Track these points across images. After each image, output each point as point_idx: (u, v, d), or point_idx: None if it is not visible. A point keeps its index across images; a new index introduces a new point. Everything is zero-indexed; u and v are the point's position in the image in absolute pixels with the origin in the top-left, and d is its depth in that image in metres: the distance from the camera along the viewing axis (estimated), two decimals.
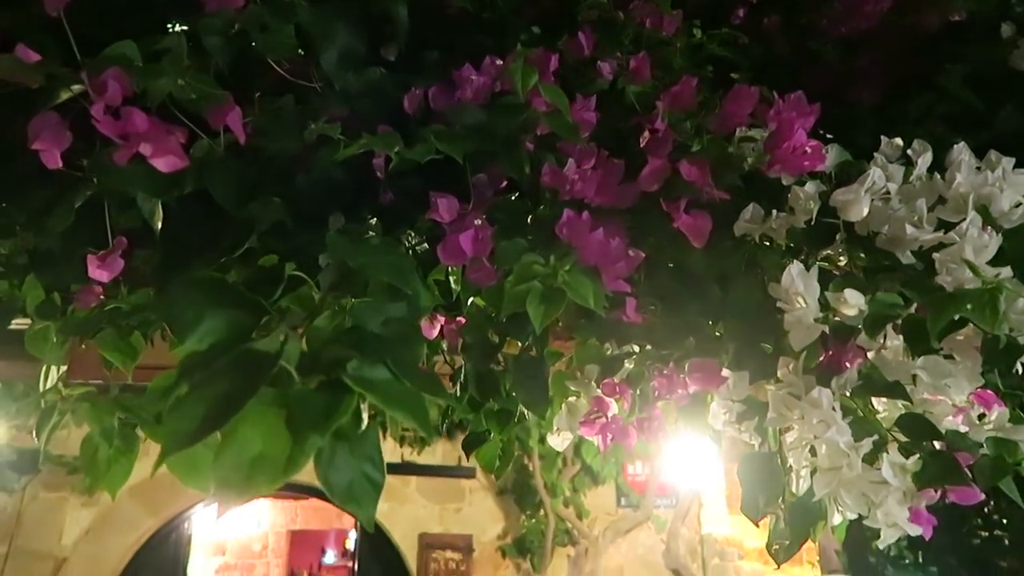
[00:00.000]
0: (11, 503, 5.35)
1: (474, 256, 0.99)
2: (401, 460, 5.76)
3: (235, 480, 0.61)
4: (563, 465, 5.70)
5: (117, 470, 0.93)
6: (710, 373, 1.02)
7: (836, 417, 0.94)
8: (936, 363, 0.95)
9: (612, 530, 5.81)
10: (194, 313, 0.81)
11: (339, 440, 0.68)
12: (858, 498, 0.98)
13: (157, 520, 5.55)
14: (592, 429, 1.09)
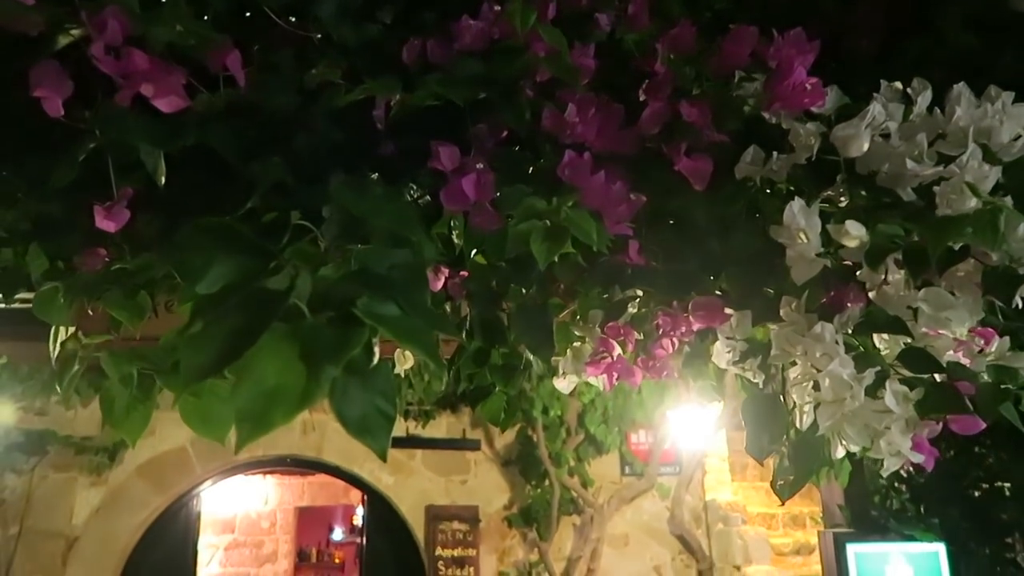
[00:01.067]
0: (21, 484, 5.40)
1: (476, 200, 0.99)
2: (406, 434, 5.81)
3: (253, 413, 0.62)
4: (567, 435, 5.74)
5: (135, 418, 0.94)
6: (713, 310, 1.03)
7: (839, 349, 0.95)
8: (937, 294, 0.96)
9: (617, 498, 5.87)
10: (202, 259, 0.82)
11: (351, 375, 0.69)
12: (861, 431, 1.00)
13: (166, 498, 5.60)
14: (597, 369, 1.10)
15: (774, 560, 5.63)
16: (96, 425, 5.56)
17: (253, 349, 0.62)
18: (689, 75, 1.15)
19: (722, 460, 6.22)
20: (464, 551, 5.67)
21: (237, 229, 0.82)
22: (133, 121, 0.91)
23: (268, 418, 0.61)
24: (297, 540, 8.81)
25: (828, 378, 0.96)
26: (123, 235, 1.40)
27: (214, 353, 0.60)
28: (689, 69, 1.17)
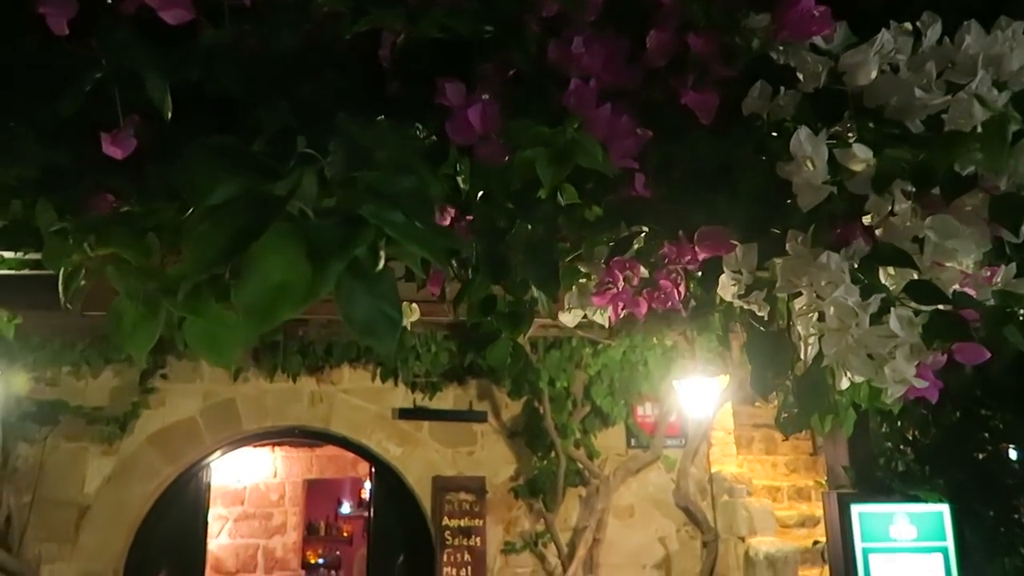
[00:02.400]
0: (33, 453, 5.46)
1: (482, 132, 0.99)
2: (413, 405, 5.84)
3: (260, 306, 0.63)
4: (573, 407, 5.77)
5: (142, 334, 0.95)
6: (719, 239, 1.03)
7: (844, 277, 0.95)
8: (944, 222, 0.95)
9: (622, 470, 5.91)
10: (209, 178, 0.82)
11: (357, 279, 0.70)
12: (865, 361, 1.00)
13: (176, 468, 5.66)
14: (603, 299, 1.10)
15: (778, 532, 5.66)
16: (106, 396, 5.62)
17: (259, 246, 0.63)
18: (697, 10, 1.14)
19: (728, 433, 6.24)
20: (471, 521, 5.72)
21: (243, 148, 0.82)
22: (139, 48, 0.92)
23: (274, 311, 0.62)
24: (306, 513, 8.91)
25: (833, 306, 0.96)
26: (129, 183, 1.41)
27: (219, 247, 0.61)
28: (696, 5, 1.17)
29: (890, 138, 1.04)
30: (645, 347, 5.51)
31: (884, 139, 1.05)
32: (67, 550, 5.35)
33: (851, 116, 1.11)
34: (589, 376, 5.72)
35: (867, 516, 2.51)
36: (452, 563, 5.58)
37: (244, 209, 0.66)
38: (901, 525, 2.51)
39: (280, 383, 5.75)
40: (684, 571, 5.90)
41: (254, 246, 0.63)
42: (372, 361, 5.81)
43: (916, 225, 0.99)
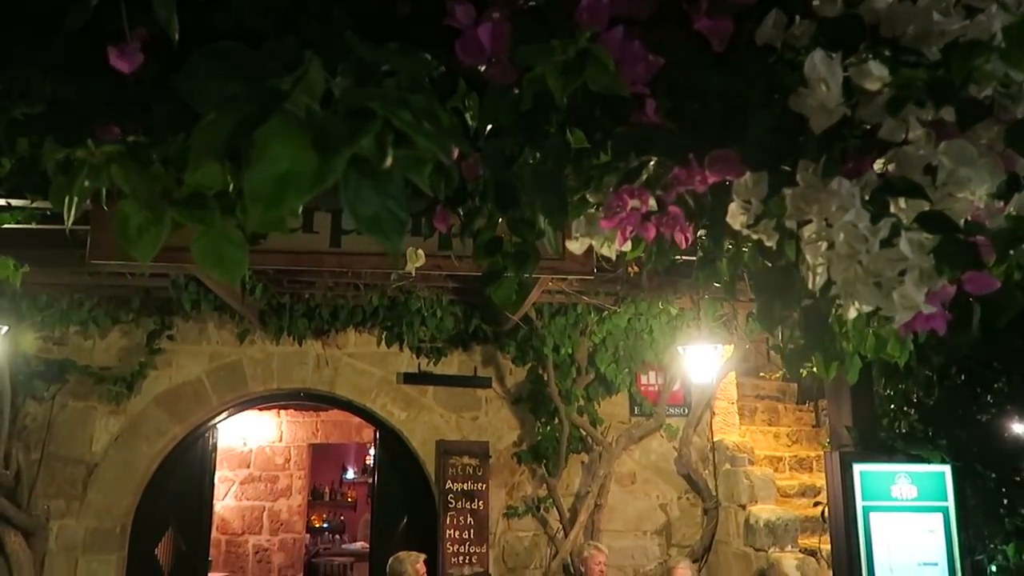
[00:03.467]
0: (41, 412, 5.52)
1: (492, 53, 0.98)
2: (418, 370, 5.87)
3: (266, 194, 0.62)
4: (577, 374, 5.78)
5: (147, 239, 0.95)
6: (729, 163, 1.02)
7: (855, 201, 0.94)
8: (959, 147, 0.94)
9: (625, 437, 5.94)
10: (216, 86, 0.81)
11: (364, 175, 0.69)
12: (872, 289, 1.00)
13: (183, 428, 5.72)
14: (611, 223, 1.10)
15: (779, 501, 5.69)
16: (114, 356, 5.66)
17: (263, 132, 0.63)
18: None
19: (731, 403, 6.26)
20: (474, 485, 5.77)
21: (249, 51, 0.81)
22: None
23: (280, 198, 0.62)
24: (311, 477, 9.01)
25: (843, 232, 0.95)
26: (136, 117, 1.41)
27: (223, 133, 0.61)
28: None
29: (907, 65, 1.02)
30: (650, 315, 5.51)
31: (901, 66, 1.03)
32: (75, 507, 5.43)
33: (867, 47, 1.09)
34: (594, 343, 5.73)
35: (869, 475, 2.52)
36: (455, 526, 5.64)
37: (249, 100, 0.66)
38: (902, 485, 2.52)
39: (286, 346, 5.78)
40: (684, 537, 5.95)
41: (259, 132, 0.62)
42: (378, 325, 5.83)
43: (930, 153, 0.98)
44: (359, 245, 2.51)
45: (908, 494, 2.52)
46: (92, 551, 5.39)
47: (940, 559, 2.52)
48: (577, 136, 1.30)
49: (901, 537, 2.51)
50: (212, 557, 7.02)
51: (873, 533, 2.50)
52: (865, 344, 1.71)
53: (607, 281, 5.00)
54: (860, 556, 2.46)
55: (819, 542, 5.48)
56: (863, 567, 2.47)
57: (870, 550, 2.49)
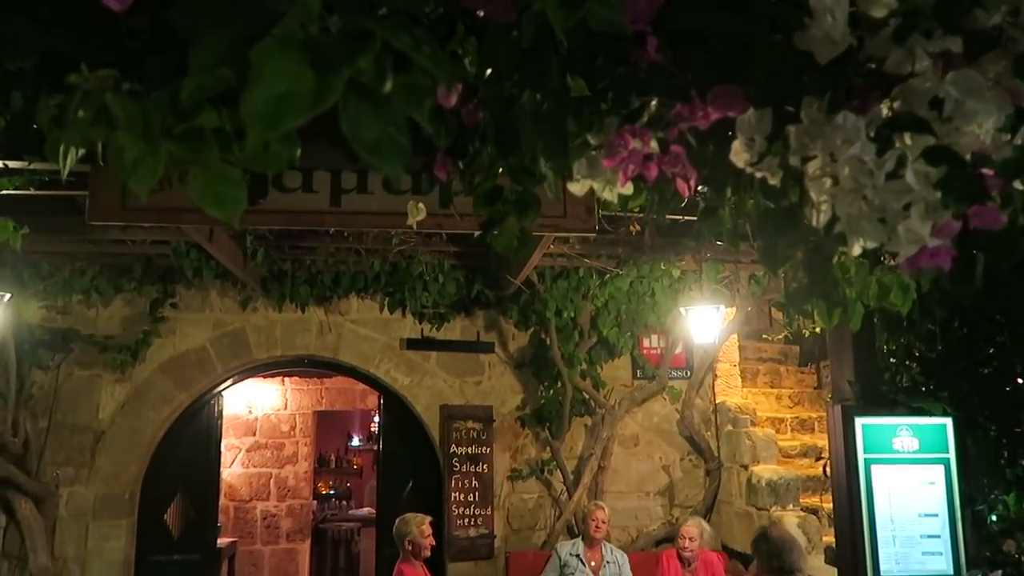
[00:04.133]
0: (47, 380, 5.56)
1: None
2: (421, 336, 5.89)
3: (265, 115, 0.62)
4: (580, 338, 5.80)
5: (144, 170, 0.94)
6: (733, 98, 1.00)
7: (861, 134, 0.93)
8: (967, 77, 0.93)
9: (628, 400, 5.98)
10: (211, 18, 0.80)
11: (363, 100, 0.68)
12: (877, 225, 0.99)
13: (188, 395, 5.75)
14: (613, 161, 1.09)
15: (781, 461, 5.75)
16: (117, 325, 5.68)
17: (259, 51, 0.62)
18: None
19: (733, 366, 6.28)
20: (478, 449, 5.83)
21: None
22: None
23: (279, 119, 0.61)
24: (316, 445, 9.09)
25: (848, 166, 0.94)
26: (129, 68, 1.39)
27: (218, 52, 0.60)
28: None
29: None
30: (652, 277, 5.51)
31: None
32: (84, 474, 5.49)
33: None
34: (596, 307, 5.74)
35: (870, 428, 2.54)
36: (460, 489, 5.71)
37: (243, 21, 0.65)
38: (904, 437, 2.54)
39: (289, 313, 5.79)
40: (687, 498, 6.02)
41: (255, 51, 0.62)
42: (380, 291, 5.83)
43: (936, 85, 0.96)
44: (359, 204, 2.50)
45: (909, 446, 2.53)
46: (102, 517, 5.46)
47: (941, 510, 2.54)
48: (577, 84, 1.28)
49: (902, 489, 2.53)
50: (221, 523, 7.12)
51: (874, 485, 2.52)
52: (868, 292, 1.70)
53: (609, 243, 4.99)
54: (861, 507, 2.48)
55: (820, 501, 5.55)
56: (864, 518, 2.50)
57: (871, 502, 2.51)
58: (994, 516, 2.44)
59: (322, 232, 4.92)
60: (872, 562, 2.48)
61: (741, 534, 5.46)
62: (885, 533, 2.51)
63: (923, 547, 2.51)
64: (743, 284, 5.57)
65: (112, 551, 5.44)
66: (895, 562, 2.50)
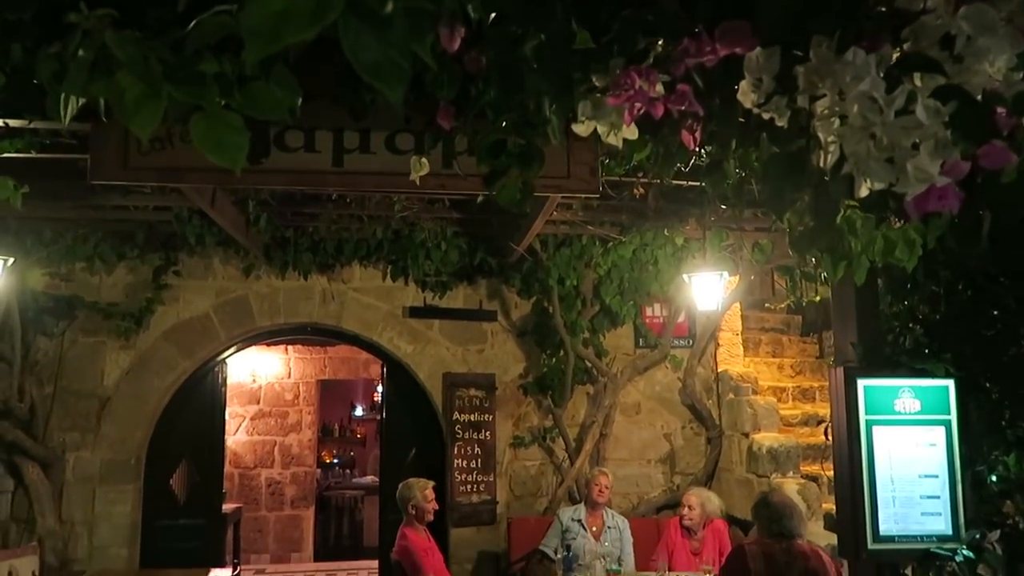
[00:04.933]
0: (52, 347, 5.58)
1: None
2: (424, 304, 5.89)
3: (263, 31, 0.61)
4: (582, 306, 5.80)
5: (145, 112, 0.93)
6: (741, 34, 0.99)
7: (870, 70, 0.92)
8: (980, 11, 0.91)
9: (630, 368, 5.99)
10: None
11: (364, 21, 0.67)
12: (885, 165, 0.98)
13: (192, 363, 5.78)
14: (619, 100, 1.07)
15: (782, 429, 5.77)
16: (121, 292, 5.68)
17: None
18: None
19: (735, 335, 6.29)
20: (480, 416, 5.86)
21: None
22: None
23: (279, 34, 0.60)
24: (320, 415, 9.15)
25: (857, 103, 0.93)
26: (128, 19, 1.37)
27: None
28: None
29: None
30: (656, 245, 5.49)
31: None
32: (90, 439, 5.54)
33: None
34: (599, 275, 5.73)
35: (872, 390, 2.54)
36: (462, 456, 5.75)
37: None
38: (906, 399, 2.54)
39: (291, 281, 5.80)
40: (688, 466, 6.06)
41: None
42: (382, 259, 5.83)
43: (948, 21, 0.94)
44: (362, 164, 2.48)
45: (911, 408, 2.54)
46: (108, 482, 5.52)
47: (941, 471, 2.55)
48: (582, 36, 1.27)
49: (903, 450, 2.54)
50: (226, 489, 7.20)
51: (875, 446, 2.53)
52: (874, 247, 1.69)
53: (612, 210, 4.97)
54: (862, 468, 2.49)
55: (820, 468, 5.59)
56: (864, 479, 2.51)
57: (872, 463, 2.52)
58: (994, 477, 2.45)
59: (324, 198, 4.90)
60: (871, 522, 2.50)
61: (741, 501, 5.50)
62: (885, 494, 2.52)
63: (922, 508, 2.53)
64: (747, 252, 5.55)
65: (119, 515, 5.50)
66: (894, 522, 2.52)
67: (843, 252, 1.49)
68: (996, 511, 2.51)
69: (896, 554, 2.53)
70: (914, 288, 2.59)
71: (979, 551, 2.41)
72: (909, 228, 1.77)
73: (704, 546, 4.90)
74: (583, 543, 4.83)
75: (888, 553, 2.52)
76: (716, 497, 5.07)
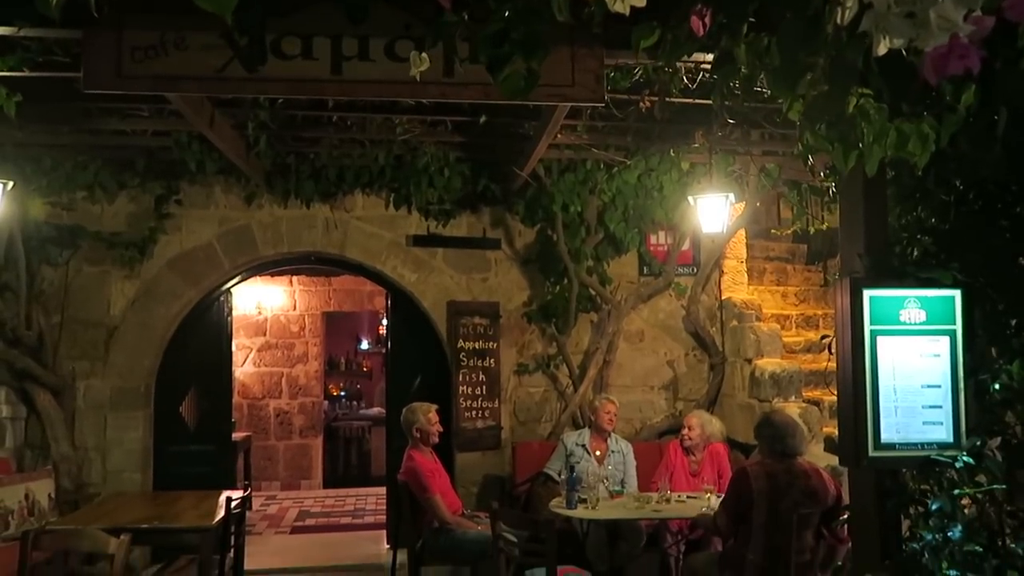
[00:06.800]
0: (57, 276, 5.59)
1: None
2: (427, 232, 5.86)
3: None
4: (587, 233, 5.77)
5: None
6: None
7: None
8: None
9: (634, 296, 6.00)
10: None
11: None
12: (904, 22, 0.94)
13: (197, 292, 5.80)
14: None
15: (784, 356, 5.80)
16: (123, 221, 5.66)
17: None
18: None
19: (740, 262, 6.27)
20: (485, 344, 5.90)
21: None
22: None
23: None
24: (326, 347, 9.23)
25: None
26: None
27: None
28: None
29: None
30: (661, 171, 5.42)
31: None
32: (99, 367, 5.61)
33: None
34: (603, 202, 5.68)
35: (878, 300, 2.52)
36: (467, 383, 5.81)
37: None
38: (911, 309, 2.53)
39: (294, 209, 5.76)
40: (691, 392, 6.13)
41: None
42: (385, 187, 5.77)
43: None
44: (361, 72, 2.41)
45: (916, 318, 2.53)
46: (119, 409, 5.61)
47: (944, 381, 2.56)
48: None
49: (907, 360, 2.54)
50: (235, 419, 7.33)
51: (879, 356, 2.53)
52: (887, 140, 1.65)
53: (617, 131, 4.89)
54: (865, 377, 2.50)
55: (821, 394, 5.64)
56: (867, 388, 2.52)
57: (876, 373, 2.53)
58: (997, 385, 2.45)
59: (325, 121, 4.82)
60: (873, 431, 2.52)
61: (743, 426, 5.58)
62: (888, 404, 2.53)
63: (924, 417, 2.54)
64: (752, 179, 5.48)
65: (131, 441, 5.61)
66: (896, 431, 2.53)
67: (855, 141, 1.46)
68: (997, 420, 2.52)
69: (896, 461, 2.55)
70: (924, 197, 2.55)
71: (979, 458, 2.43)
72: (923, 123, 1.73)
73: (703, 467, 4.99)
74: (587, 466, 4.92)
75: (888, 460, 2.55)
76: (717, 420, 5.14)
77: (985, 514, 2.47)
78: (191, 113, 3.60)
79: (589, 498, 4.43)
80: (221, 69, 2.34)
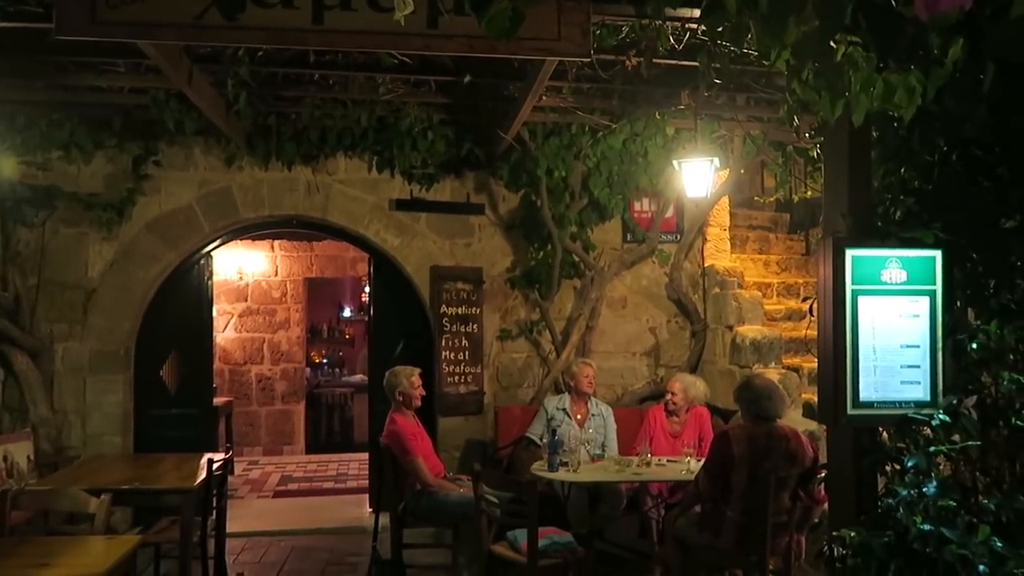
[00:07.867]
0: (33, 238, 5.50)
1: None
2: (411, 196, 5.82)
3: None
4: (571, 199, 5.75)
5: None
6: None
7: None
8: None
9: (617, 263, 6.00)
10: None
11: None
12: None
13: (177, 255, 5.73)
14: None
15: (765, 323, 5.84)
16: (100, 182, 5.56)
17: None
18: None
19: (723, 230, 6.28)
20: (468, 310, 5.89)
21: None
22: None
23: None
24: (308, 313, 9.18)
25: None
26: None
27: None
28: None
29: None
30: (646, 136, 5.39)
31: None
32: (77, 330, 5.54)
33: None
34: (588, 167, 5.65)
35: (860, 260, 2.54)
36: (450, 348, 5.81)
37: None
38: (893, 269, 2.55)
39: (275, 172, 5.69)
40: (672, 358, 6.17)
41: None
42: (368, 150, 5.70)
43: None
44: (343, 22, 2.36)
45: (897, 278, 2.55)
46: (98, 372, 5.56)
47: (923, 341, 2.59)
48: None
49: (886, 320, 2.57)
50: (217, 384, 7.29)
51: (860, 316, 2.55)
52: (874, 90, 1.65)
53: (603, 95, 4.85)
54: (846, 336, 2.53)
55: (801, 361, 5.70)
56: (847, 347, 2.55)
57: (856, 332, 2.56)
58: (975, 344, 2.48)
59: (307, 80, 4.74)
60: (852, 389, 2.55)
61: (723, 392, 5.63)
62: (867, 363, 2.56)
63: (902, 376, 2.58)
64: (737, 143, 5.47)
65: (111, 404, 5.57)
66: (874, 390, 2.57)
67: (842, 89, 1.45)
68: (973, 379, 2.56)
69: (874, 419, 2.59)
70: (908, 158, 2.55)
71: (955, 416, 2.47)
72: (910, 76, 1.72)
73: (684, 429, 5.04)
74: (568, 430, 4.95)
75: (866, 418, 2.59)
76: (701, 382, 5.18)
77: (959, 471, 2.52)
78: (169, 68, 3.52)
79: (570, 461, 4.47)
80: (199, 16, 2.28)
